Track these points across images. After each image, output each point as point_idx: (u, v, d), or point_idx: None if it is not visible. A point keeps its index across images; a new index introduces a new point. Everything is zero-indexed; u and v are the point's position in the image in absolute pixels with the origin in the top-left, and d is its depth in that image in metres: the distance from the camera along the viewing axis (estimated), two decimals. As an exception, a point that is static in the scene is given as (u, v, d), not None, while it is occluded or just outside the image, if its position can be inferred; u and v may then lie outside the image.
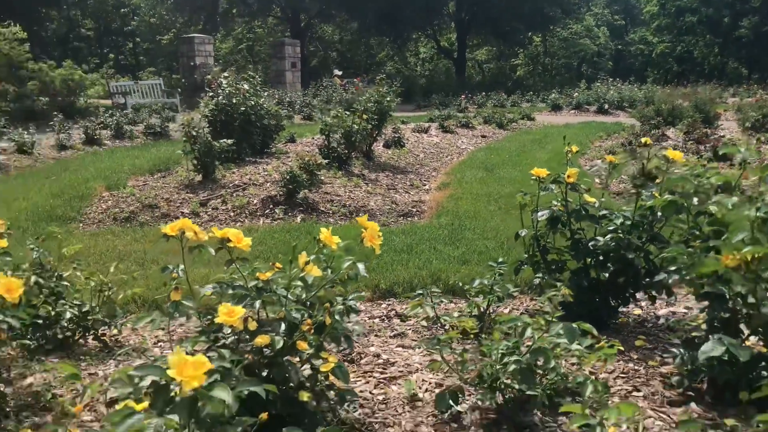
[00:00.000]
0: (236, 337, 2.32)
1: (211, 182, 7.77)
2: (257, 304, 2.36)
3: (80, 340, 3.59)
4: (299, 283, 2.55)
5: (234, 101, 8.69)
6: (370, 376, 3.03)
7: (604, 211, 3.54)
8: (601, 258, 3.51)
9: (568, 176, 3.52)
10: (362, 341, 3.49)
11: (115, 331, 3.68)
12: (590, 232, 3.64)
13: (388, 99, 9.48)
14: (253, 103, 8.98)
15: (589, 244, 3.50)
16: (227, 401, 1.39)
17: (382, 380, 3.00)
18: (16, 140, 10.38)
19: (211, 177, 7.82)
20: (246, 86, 9.06)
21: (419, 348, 3.39)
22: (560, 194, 3.63)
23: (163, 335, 3.81)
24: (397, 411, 2.71)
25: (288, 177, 7.10)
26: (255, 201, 7.19)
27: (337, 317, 2.39)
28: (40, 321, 3.34)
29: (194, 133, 7.55)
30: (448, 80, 37.35)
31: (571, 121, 17.98)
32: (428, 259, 5.12)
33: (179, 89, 21.86)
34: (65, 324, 3.42)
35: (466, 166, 9.88)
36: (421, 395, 2.83)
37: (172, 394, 1.39)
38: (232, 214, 6.92)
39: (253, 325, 2.27)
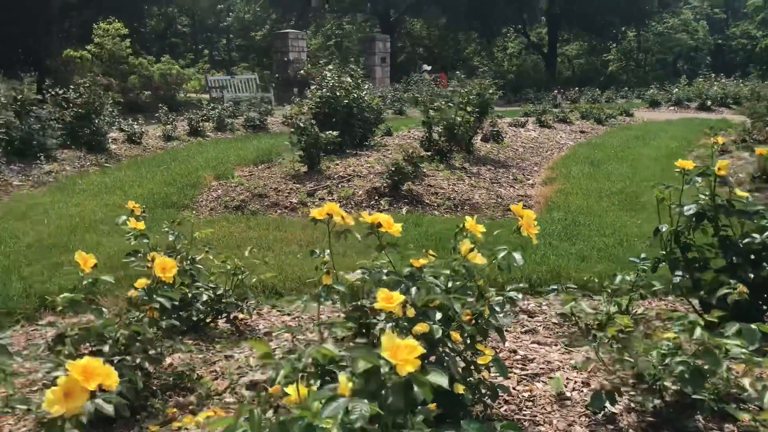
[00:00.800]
0: (393, 323, 2.27)
1: (317, 173, 7.83)
2: (413, 291, 2.30)
3: (211, 323, 3.64)
4: (445, 271, 2.49)
5: (338, 94, 8.75)
6: (510, 373, 2.92)
7: (758, 207, 3.30)
8: (752, 257, 3.28)
9: (719, 169, 3.30)
10: (493, 336, 3.39)
11: (243, 315, 3.72)
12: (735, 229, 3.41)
13: (491, 92, 9.32)
14: (355, 96, 9.01)
15: (742, 241, 3.27)
16: (444, 386, 1.32)
17: (523, 377, 2.89)
18: (126, 130, 10.79)
19: (316, 168, 7.87)
20: (349, 79, 9.09)
21: (556, 345, 3.26)
22: (705, 188, 3.42)
23: (290, 320, 3.84)
24: (545, 409, 2.60)
25: (393, 169, 7.07)
26: (360, 192, 7.19)
27: (497, 308, 2.31)
28: (177, 303, 3.40)
29: (301, 125, 7.61)
30: (537, 75, 36.65)
31: (672, 118, 17.29)
32: (545, 255, 4.98)
33: (273, 84, 22.27)
34: (200, 306, 3.47)
35: (570, 162, 9.60)
36: (568, 394, 2.71)
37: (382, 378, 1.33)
38: (338, 204, 6.93)
39: (411, 312, 2.21)
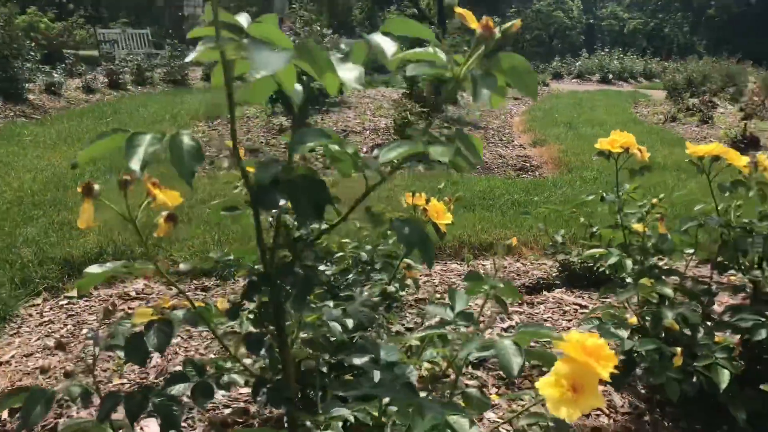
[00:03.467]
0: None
1: (306, 127, 7.06)
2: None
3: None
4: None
5: (313, 43, 7.89)
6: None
7: None
8: None
9: None
10: None
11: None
12: None
13: (465, 49, 8.83)
14: (326, 46, 8.23)
15: None
16: None
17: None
18: (45, 80, 9.36)
19: (304, 122, 7.09)
20: (318, 28, 8.29)
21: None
22: None
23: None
24: None
25: (401, 123, 6.48)
26: (365, 149, 6.54)
27: None
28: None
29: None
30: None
31: (588, 89, 17.68)
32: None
33: (167, 40, 20.59)
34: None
35: (540, 124, 9.36)
36: None
37: None
38: (346, 161, 6.26)
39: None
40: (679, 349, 1.75)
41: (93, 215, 0.95)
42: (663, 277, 2.08)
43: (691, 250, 2.26)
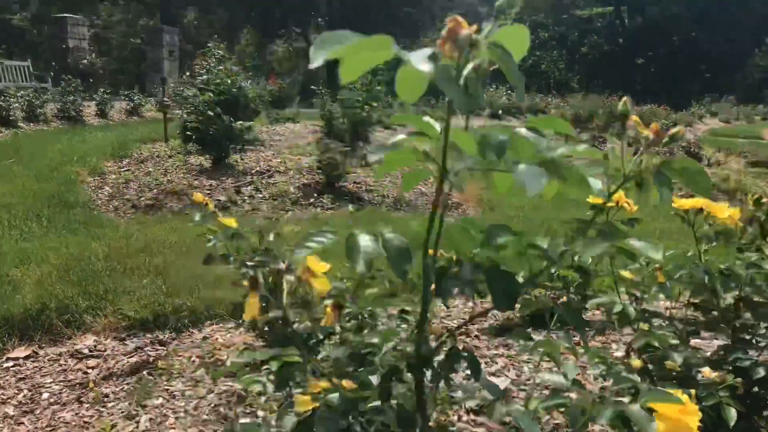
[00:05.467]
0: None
1: (226, 167, 6.92)
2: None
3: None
4: None
5: (229, 81, 7.72)
6: None
7: None
8: None
9: None
10: None
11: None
12: None
13: (378, 88, 9.01)
14: (242, 85, 8.09)
15: None
16: None
17: None
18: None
19: (224, 162, 6.97)
20: (235, 68, 8.16)
21: None
22: None
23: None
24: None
25: (327, 164, 6.51)
26: (292, 189, 6.49)
27: None
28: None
29: (211, 113, 6.67)
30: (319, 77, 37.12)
31: (477, 125, 18.33)
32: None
33: (51, 74, 19.62)
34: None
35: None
36: None
37: None
38: (274, 202, 6.19)
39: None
40: (693, 390, 1.88)
41: (258, 307, 0.94)
42: (652, 319, 2.23)
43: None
